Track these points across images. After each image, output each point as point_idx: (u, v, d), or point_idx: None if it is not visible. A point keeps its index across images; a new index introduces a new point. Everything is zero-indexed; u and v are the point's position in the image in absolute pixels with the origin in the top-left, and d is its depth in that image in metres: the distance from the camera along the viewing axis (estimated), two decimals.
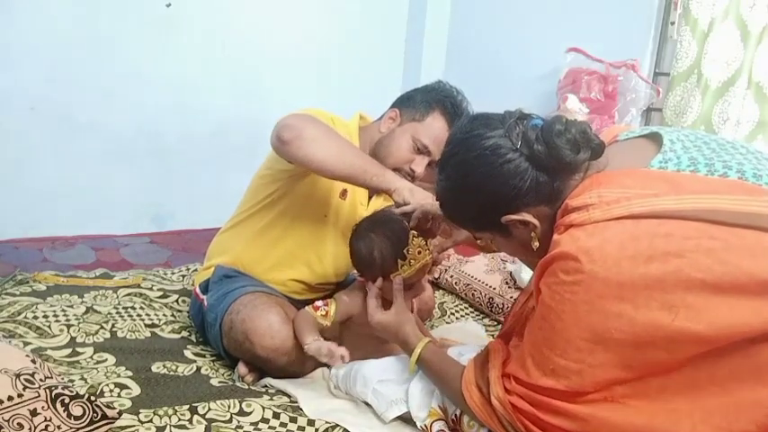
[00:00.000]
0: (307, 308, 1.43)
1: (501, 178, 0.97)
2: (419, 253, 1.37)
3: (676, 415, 0.88)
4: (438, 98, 1.58)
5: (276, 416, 1.25)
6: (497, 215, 1.00)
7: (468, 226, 1.13)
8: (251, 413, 1.24)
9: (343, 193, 1.60)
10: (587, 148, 0.96)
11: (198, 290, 1.63)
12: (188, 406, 1.21)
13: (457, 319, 2.00)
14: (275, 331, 1.38)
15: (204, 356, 1.55)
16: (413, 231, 1.38)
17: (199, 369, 1.47)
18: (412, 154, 1.56)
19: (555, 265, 0.91)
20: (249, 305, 1.43)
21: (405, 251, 1.36)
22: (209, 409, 1.21)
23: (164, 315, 1.72)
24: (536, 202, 0.98)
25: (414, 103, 1.59)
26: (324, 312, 1.42)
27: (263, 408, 1.26)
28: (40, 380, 1.06)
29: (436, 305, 2.03)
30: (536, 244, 1.02)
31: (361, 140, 1.63)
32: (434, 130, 1.56)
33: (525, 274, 1.94)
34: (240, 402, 1.25)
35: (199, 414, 1.20)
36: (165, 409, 1.19)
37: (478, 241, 1.19)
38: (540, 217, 1.00)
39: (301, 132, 1.36)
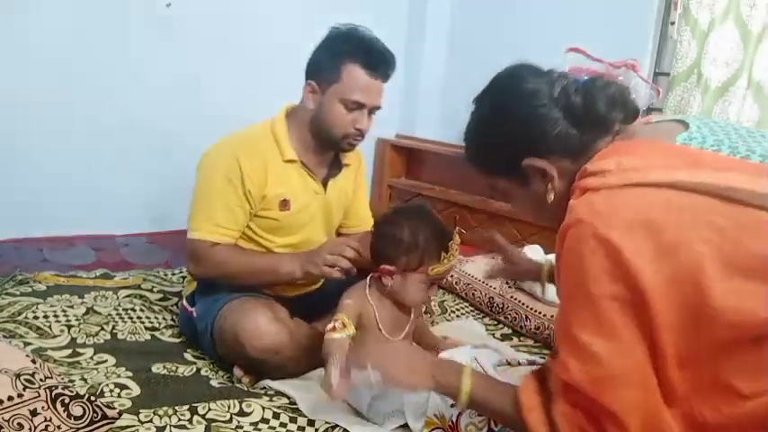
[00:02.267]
0: (326, 336, 1.32)
1: (532, 121, 0.98)
2: (456, 250, 1.36)
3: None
4: (340, 49, 1.53)
5: (276, 416, 1.25)
6: (520, 156, 1.00)
7: (488, 167, 1.10)
8: (251, 413, 1.24)
9: (284, 204, 1.58)
10: (622, 108, 0.98)
11: (185, 303, 1.64)
12: (188, 406, 1.21)
13: (457, 317, 2.00)
14: (263, 332, 1.39)
15: (204, 359, 1.56)
16: (457, 227, 1.38)
17: (199, 370, 1.47)
18: (349, 115, 1.54)
19: (570, 231, 0.89)
20: (237, 310, 1.44)
21: (449, 244, 1.34)
22: (210, 410, 1.21)
23: (163, 319, 1.73)
24: (560, 152, 0.98)
25: (322, 66, 1.55)
26: (341, 325, 1.33)
27: (263, 408, 1.26)
28: (40, 380, 1.06)
29: (437, 304, 2.03)
30: (551, 197, 1.00)
31: (292, 127, 1.61)
32: (356, 81, 1.52)
33: None
34: (240, 403, 1.25)
35: (199, 414, 1.20)
36: (165, 408, 1.19)
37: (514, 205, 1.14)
38: (561, 172, 0.99)
39: (210, 277, 1.54)
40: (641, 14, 2.36)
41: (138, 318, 1.69)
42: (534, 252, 2.09)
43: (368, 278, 1.42)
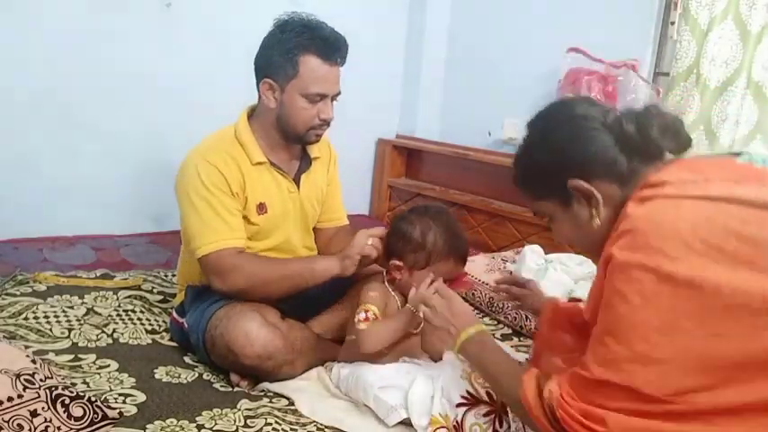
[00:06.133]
0: (360, 326, 1.36)
1: (582, 142, 0.98)
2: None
3: None
4: (292, 42, 1.50)
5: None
6: (566, 177, 0.99)
7: (534, 189, 1.09)
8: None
9: (261, 208, 1.57)
10: (675, 137, 0.97)
11: (175, 314, 1.63)
12: (195, 424, 1.20)
13: None
14: (253, 338, 1.37)
15: (204, 362, 1.55)
16: None
17: (200, 375, 1.47)
18: (313, 108, 1.52)
19: (624, 239, 0.88)
20: (225, 318, 1.42)
21: (462, 254, 1.40)
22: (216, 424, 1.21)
23: (163, 321, 1.73)
24: (608, 177, 0.98)
25: (276, 63, 1.52)
26: (373, 316, 1.37)
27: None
28: (41, 380, 1.06)
29: None
30: (597, 222, 0.99)
31: (256, 128, 1.60)
32: (314, 73, 1.50)
33: (526, 275, 1.93)
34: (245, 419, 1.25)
35: (206, 428, 1.19)
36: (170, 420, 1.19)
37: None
38: (607, 197, 0.98)
39: (241, 289, 1.46)
40: (641, 14, 2.35)
41: (139, 319, 1.69)
42: (534, 252, 2.10)
43: (384, 272, 1.46)
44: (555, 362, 1.14)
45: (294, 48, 1.50)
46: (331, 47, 1.51)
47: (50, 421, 1.02)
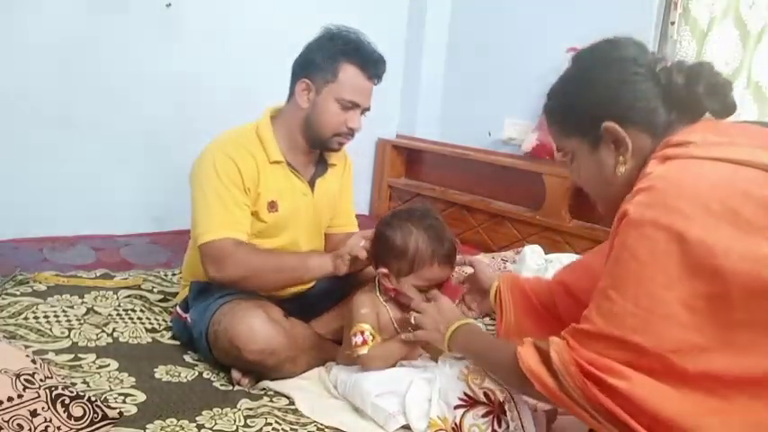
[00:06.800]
0: (358, 352, 1.35)
1: (625, 85, 0.96)
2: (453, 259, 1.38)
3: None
4: (338, 49, 1.55)
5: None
6: (601, 118, 0.96)
7: (565, 125, 1.05)
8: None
9: (272, 206, 1.58)
10: (721, 99, 0.94)
11: (179, 310, 1.63)
12: (195, 424, 1.20)
13: None
14: (257, 334, 1.38)
15: (204, 361, 1.55)
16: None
17: (200, 374, 1.47)
18: (343, 115, 1.56)
19: (641, 196, 0.86)
20: (229, 313, 1.43)
21: (443, 255, 1.35)
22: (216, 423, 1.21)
23: (163, 320, 1.72)
24: (643, 126, 0.95)
25: (317, 65, 1.55)
26: (371, 338, 1.35)
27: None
28: (41, 380, 1.06)
29: None
30: (621, 170, 0.97)
31: (278, 128, 1.60)
32: (351, 81, 1.55)
33: (526, 274, 1.93)
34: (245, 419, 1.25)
35: (206, 428, 1.19)
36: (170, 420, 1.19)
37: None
38: (637, 147, 0.95)
39: (235, 279, 1.47)
40: (641, 14, 2.36)
41: (139, 318, 1.69)
42: (534, 252, 2.10)
43: (375, 280, 1.43)
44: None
45: (338, 54, 1.55)
46: (373, 64, 1.57)
47: (50, 421, 1.01)
